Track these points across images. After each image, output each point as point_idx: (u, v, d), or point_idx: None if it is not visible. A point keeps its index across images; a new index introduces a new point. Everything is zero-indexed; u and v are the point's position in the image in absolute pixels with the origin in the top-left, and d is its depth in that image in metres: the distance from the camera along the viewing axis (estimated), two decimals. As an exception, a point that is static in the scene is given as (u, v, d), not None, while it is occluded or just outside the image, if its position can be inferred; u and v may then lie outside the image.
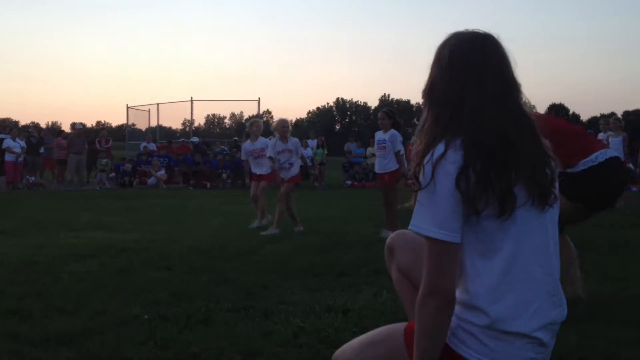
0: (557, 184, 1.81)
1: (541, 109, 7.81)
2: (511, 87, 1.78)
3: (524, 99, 1.82)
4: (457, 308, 1.72)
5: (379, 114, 8.51)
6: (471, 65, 1.76)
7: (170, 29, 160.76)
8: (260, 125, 9.56)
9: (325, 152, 22.61)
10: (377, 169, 8.62)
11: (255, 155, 9.33)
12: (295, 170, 8.58)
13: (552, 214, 1.80)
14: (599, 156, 3.71)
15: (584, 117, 76.67)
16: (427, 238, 1.66)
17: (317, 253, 6.04)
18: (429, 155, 1.69)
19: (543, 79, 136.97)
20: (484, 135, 1.68)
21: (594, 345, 2.96)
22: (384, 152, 8.03)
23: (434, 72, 1.84)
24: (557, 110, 76.12)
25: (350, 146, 23.73)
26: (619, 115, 23.76)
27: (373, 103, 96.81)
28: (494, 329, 1.68)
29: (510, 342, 1.69)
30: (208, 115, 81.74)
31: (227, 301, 4.00)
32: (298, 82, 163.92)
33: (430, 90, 1.83)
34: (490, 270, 1.70)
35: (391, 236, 2.41)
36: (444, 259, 1.65)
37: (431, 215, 1.66)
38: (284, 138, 8.57)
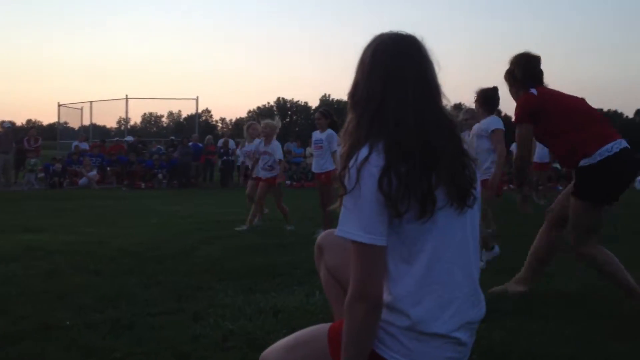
0: (477, 186, 1.83)
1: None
2: (432, 89, 1.79)
3: (445, 102, 1.84)
4: (383, 310, 1.73)
5: (316, 114, 8.52)
6: (392, 67, 1.76)
7: (104, 24, 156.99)
8: (257, 127, 9.42)
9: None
10: (314, 169, 8.61)
11: (251, 157, 9.35)
12: (274, 172, 8.62)
13: (472, 215, 1.83)
14: (614, 146, 3.59)
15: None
16: (354, 242, 1.66)
17: (252, 254, 5.98)
18: (354, 158, 1.69)
19: (473, 79, 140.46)
20: (404, 137, 1.69)
21: (515, 341, 3.03)
22: (320, 151, 8.03)
23: (356, 74, 1.84)
24: (455, 108, 77.82)
25: (290, 146, 23.74)
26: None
27: (314, 103, 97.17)
28: (414, 331, 1.70)
29: (430, 342, 1.71)
30: (145, 114, 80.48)
31: (156, 305, 3.92)
32: (238, 81, 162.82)
33: (353, 92, 1.83)
34: (411, 273, 1.71)
35: (321, 236, 2.41)
36: (371, 263, 1.65)
37: (357, 219, 1.65)
38: (267, 140, 8.65)
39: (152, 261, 5.58)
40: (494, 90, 5.88)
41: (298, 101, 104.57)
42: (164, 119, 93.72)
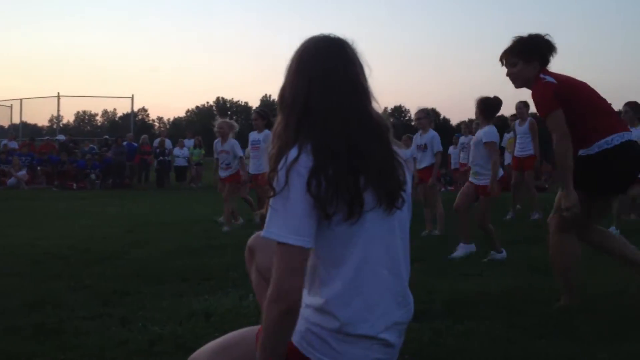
0: (407, 188, 1.85)
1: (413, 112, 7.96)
2: (359, 92, 1.80)
3: (375, 105, 1.85)
4: (308, 312, 1.75)
5: (253, 114, 8.50)
6: (318, 70, 1.77)
7: (35, 19, 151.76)
8: (223, 126, 9.18)
9: (203, 152, 22.19)
10: (251, 170, 8.58)
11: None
12: (232, 170, 8.58)
13: (401, 217, 1.85)
14: (615, 139, 3.49)
15: (454, 122, 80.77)
16: (279, 243, 1.64)
17: (185, 256, 5.89)
18: (283, 160, 1.69)
19: (416, 84, 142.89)
20: (330, 139, 1.70)
21: (444, 341, 3.08)
22: (257, 152, 8.01)
23: (285, 77, 1.85)
24: (395, 110, 79.46)
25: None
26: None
27: (254, 103, 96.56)
28: (343, 333, 1.71)
29: (358, 344, 1.73)
30: (78, 112, 78.37)
31: (83, 309, 3.81)
32: (177, 80, 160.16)
33: (281, 95, 1.84)
34: (341, 276, 1.72)
35: (252, 237, 2.40)
36: (293, 264, 1.64)
37: (283, 221, 1.65)
38: (223, 139, 8.61)
39: (81, 264, 5.43)
40: (495, 99, 6.08)
41: (238, 101, 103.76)
42: (98, 118, 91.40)
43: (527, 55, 3.72)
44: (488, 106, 6.07)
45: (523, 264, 5.39)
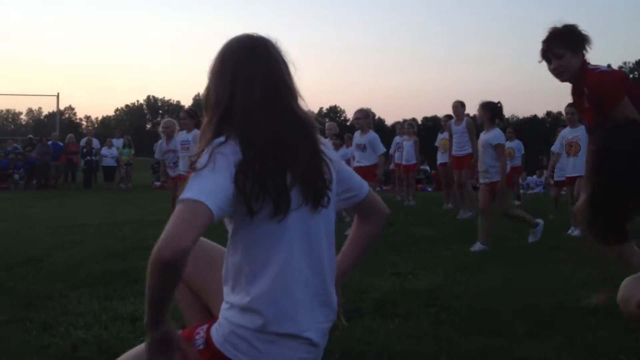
0: (333, 187, 1.85)
1: (349, 113, 7.97)
2: (284, 89, 1.80)
3: (302, 103, 1.85)
4: (232, 313, 1.73)
5: (181, 114, 8.39)
6: (239, 69, 1.77)
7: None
8: (170, 125, 9.05)
9: (132, 151, 21.66)
10: (181, 170, 8.43)
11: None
12: (180, 169, 8.43)
13: (327, 215, 1.84)
14: None
15: (389, 122, 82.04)
16: (182, 200, 1.57)
17: (111, 259, 5.71)
18: (210, 145, 1.67)
19: (352, 83, 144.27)
20: (255, 136, 1.70)
21: (375, 339, 3.10)
22: (187, 152, 7.86)
23: (208, 77, 1.84)
24: (331, 111, 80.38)
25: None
26: (419, 120, 25.63)
27: (187, 102, 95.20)
28: (267, 332, 1.70)
29: (282, 343, 1.72)
30: (1, 111, 75.29)
31: (3, 313, 3.65)
32: (105, 78, 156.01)
33: (205, 96, 1.83)
34: (267, 275, 1.71)
35: None
36: (192, 218, 1.54)
37: (198, 185, 1.59)
38: (169, 139, 8.59)
39: (1, 267, 5.19)
40: (499, 104, 6.53)
41: (170, 100, 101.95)
42: (22, 117, 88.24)
43: (575, 46, 3.52)
44: (494, 110, 6.50)
45: (453, 261, 5.49)
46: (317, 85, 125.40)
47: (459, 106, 10.04)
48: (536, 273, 4.92)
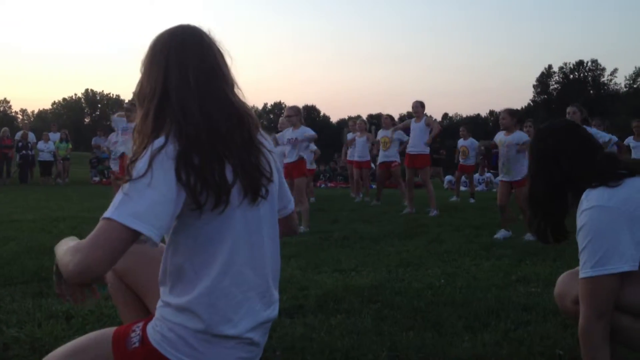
0: (274, 178, 1.83)
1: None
2: (219, 79, 1.77)
3: (239, 93, 1.82)
4: (168, 311, 1.69)
5: (125, 105, 8.24)
6: (172, 59, 1.73)
7: None
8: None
9: (70, 146, 21.04)
10: (125, 150, 8.29)
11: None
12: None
13: (268, 208, 1.82)
14: None
15: (334, 119, 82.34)
16: (108, 219, 1.52)
17: (47, 255, 5.48)
18: (149, 147, 1.61)
19: (296, 81, 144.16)
20: (191, 127, 1.65)
21: (317, 336, 3.08)
22: (129, 137, 7.70)
23: (141, 69, 1.79)
24: (309, 110, 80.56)
25: (99, 140, 22.25)
26: (364, 117, 25.89)
27: (127, 96, 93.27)
28: (207, 333, 1.67)
29: (221, 344, 1.69)
30: None
31: None
32: (43, 71, 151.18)
33: (138, 90, 1.78)
34: (207, 276, 1.68)
35: None
36: (117, 245, 1.51)
37: (133, 204, 1.53)
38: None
39: None
40: (521, 111, 6.98)
41: (109, 94, 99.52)
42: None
43: None
44: (518, 115, 7.87)
45: (396, 258, 5.53)
46: (262, 82, 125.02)
47: (419, 106, 10.20)
48: (477, 269, 5.00)
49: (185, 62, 1.71)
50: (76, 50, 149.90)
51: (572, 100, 9.66)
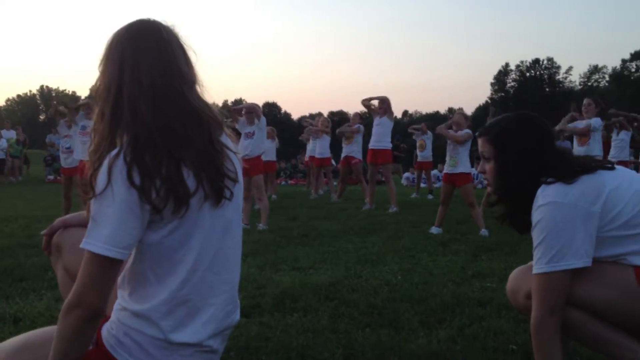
0: (239, 178, 1.79)
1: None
2: (177, 77, 1.70)
3: (199, 91, 1.77)
4: (126, 315, 1.66)
5: (83, 100, 8.13)
6: (128, 54, 1.66)
7: None
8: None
9: (25, 150, 20.53)
10: (81, 156, 8.14)
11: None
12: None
13: (234, 214, 1.78)
14: None
15: (295, 116, 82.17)
16: (91, 252, 1.54)
17: (-3, 255, 5.36)
18: (106, 160, 1.58)
19: (258, 79, 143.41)
20: (144, 126, 1.61)
21: (273, 335, 3.05)
22: (87, 138, 7.54)
23: (98, 66, 1.74)
24: (271, 107, 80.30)
25: (53, 138, 21.75)
26: (325, 114, 25.95)
27: (84, 93, 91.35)
28: (164, 340, 1.64)
29: (179, 351, 1.66)
30: None
31: None
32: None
33: (95, 85, 1.73)
34: (169, 284, 1.65)
35: (59, 234, 2.20)
36: (101, 275, 1.55)
37: (101, 228, 1.54)
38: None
39: None
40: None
41: (65, 90, 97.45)
42: None
43: None
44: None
45: (354, 255, 5.53)
46: (223, 79, 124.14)
47: (382, 101, 10.16)
48: (434, 265, 5.03)
49: (139, 60, 1.65)
50: (31, 45, 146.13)
51: (528, 98, 9.81)
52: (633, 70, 65.20)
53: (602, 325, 2.12)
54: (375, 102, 10.32)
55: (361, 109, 10.93)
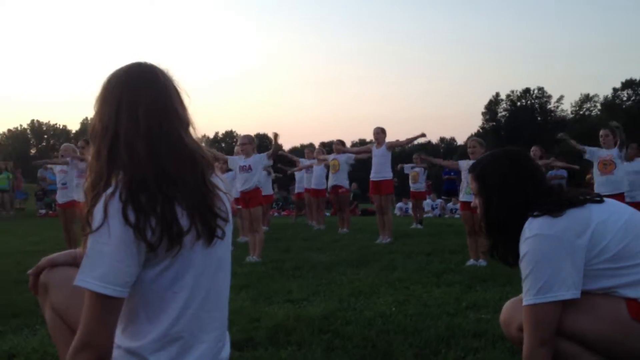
0: (229, 218, 1.82)
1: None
2: (172, 119, 1.74)
3: (193, 133, 1.81)
4: (118, 354, 1.66)
5: (80, 142, 8.23)
6: (126, 96, 1.71)
7: None
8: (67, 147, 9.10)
9: (10, 176, 20.35)
10: (75, 197, 8.15)
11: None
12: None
13: (224, 252, 1.82)
14: None
15: (287, 147, 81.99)
16: (89, 290, 1.56)
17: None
18: (102, 196, 1.61)
19: (248, 109, 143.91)
20: (138, 167, 1.64)
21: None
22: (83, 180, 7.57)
23: (94, 105, 1.77)
24: (262, 139, 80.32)
25: (45, 173, 21.67)
26: (317, 145, 26.04)
27: (74, 127, 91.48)
28: None
29: None
30: None
31: None
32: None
33: (92, 125, 1.76)
34: (161, 321, 1.66)
35: (46, 272, 2.19)
36: (103, 314, 1.56)
37: (98, 266, 1.56)
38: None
39: None
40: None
41: (56, 124, 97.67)
42: None
43: None
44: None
45: (348, 286, 5.52)
46: (214, 110, 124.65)
47: (380, 132, 10.22)
48: (428, 296, 5.03)
49: (137, 101, 1.69)
50: (21, 79, 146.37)
51: (520, 127, 9.88)
52: (624, 98, 65.79)
53: (593, 357, 2.14)
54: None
55: (352, 138, 10.99)
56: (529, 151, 10.19)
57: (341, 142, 12.34)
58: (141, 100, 1.70)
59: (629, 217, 2.19)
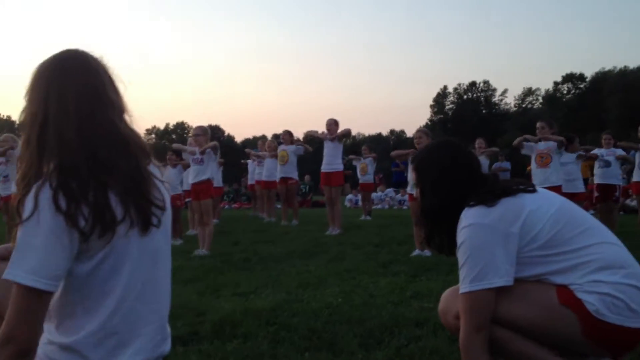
0: (166, 206, 1.80)
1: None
2: (104, 105, 1.72)
3: (128, 120, 1.79)
4: (53, 350, 1.64)
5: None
6: (53, 81, 1.68)
7: None
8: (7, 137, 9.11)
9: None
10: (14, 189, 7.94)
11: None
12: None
13: (162, 242, 1.79)
14: None
15: (238, 139, 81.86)
16: (17, 283, 1.52)
17: None
18: (34, 186, 1.57)
19: (199, 100, 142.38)
20: (69, 153, 1.62)
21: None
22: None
23: (24, 95, 1.74)
24: (214, 131, 79.80)
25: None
26: (269, 137, 26.00)
27: (15, 117, 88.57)
28: None
29: None
30: None
31: None
32: None
33: (21, 114, 1.74)
34: (97, 315, 1.64)
35: None
36: (31, 308, 1.53)
37: (29, 258, 1.52)
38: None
39: None
40: None
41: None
42: None
43: None
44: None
45: (296, 278, 5.55)
46: (164, 102, 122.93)
47: (333, 124, 10.27)
48: (374, 286, 5.10)
49: (66, 85, 1.67)
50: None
51: (466, 119, 10.04)
52: (565, 92, 67.72)
53: (526, 342, 2.21)
54: (320, 132, 10.50)
55: (303, 130, 11.06)
56: (474, 142, 10.41)
57: (289, 133, 12.31)
58: (71, 84, 1.67)
59: (559, 206, 2.27)
